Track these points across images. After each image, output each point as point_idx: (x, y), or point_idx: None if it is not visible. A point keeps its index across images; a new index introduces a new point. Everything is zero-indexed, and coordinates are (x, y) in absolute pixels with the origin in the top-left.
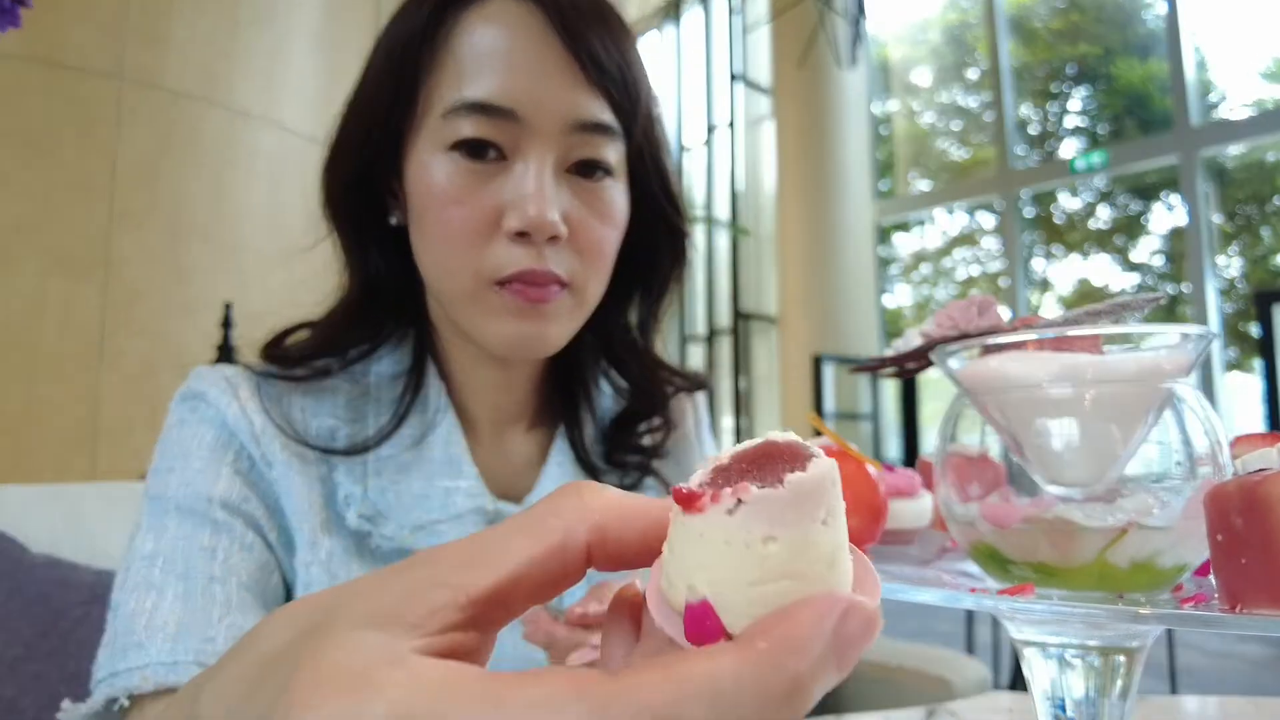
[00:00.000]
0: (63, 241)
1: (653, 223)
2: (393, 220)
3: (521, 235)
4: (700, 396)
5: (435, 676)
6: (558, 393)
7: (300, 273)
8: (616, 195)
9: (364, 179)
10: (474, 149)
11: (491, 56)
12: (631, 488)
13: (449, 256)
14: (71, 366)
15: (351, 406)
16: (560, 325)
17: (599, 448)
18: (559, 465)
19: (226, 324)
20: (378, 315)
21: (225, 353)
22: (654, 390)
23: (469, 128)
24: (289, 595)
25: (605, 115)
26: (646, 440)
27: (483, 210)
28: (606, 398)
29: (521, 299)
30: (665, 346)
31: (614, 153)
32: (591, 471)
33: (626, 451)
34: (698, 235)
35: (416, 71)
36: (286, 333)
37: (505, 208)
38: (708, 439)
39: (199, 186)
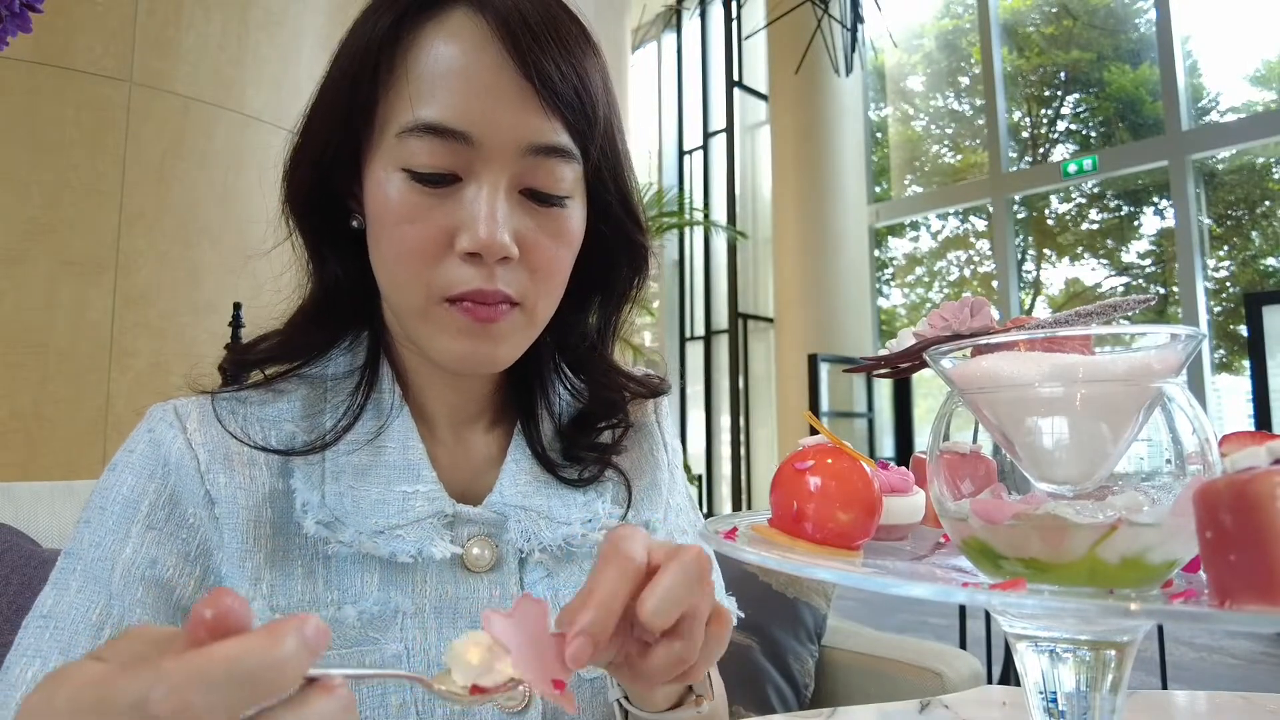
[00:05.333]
0: (74, 243)
1: (611, 236)
2: (354, 223)
3: (473, 255)
4: (663, 398)
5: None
6: (516, 391)
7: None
8: (572, 216)
9: (325, 184)
10: (430, 177)
11: (446, 76)
12: (590, 480)
13: (401, 272)
14: (82, 366)
15: (307, 406)
16: (509, 344)
17: (557, 445)
18: (517, 463)
19: (236, 324)
20: (336, 316)
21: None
22: (610, 396)
23: (423, 153)
24: None
25: (560, 137)
26: (605, 438)
27: (435, 230)
28: (564, 398)
29: (470, 317)
30: (663, 351)
31: (570, 172)
32: (549, 468)
33: (583, 448)
34: (697, 238)
35: (374, 85)
36: (256, 341)
37: (458, 228)
38: (669, 430)
39: (208, 189)
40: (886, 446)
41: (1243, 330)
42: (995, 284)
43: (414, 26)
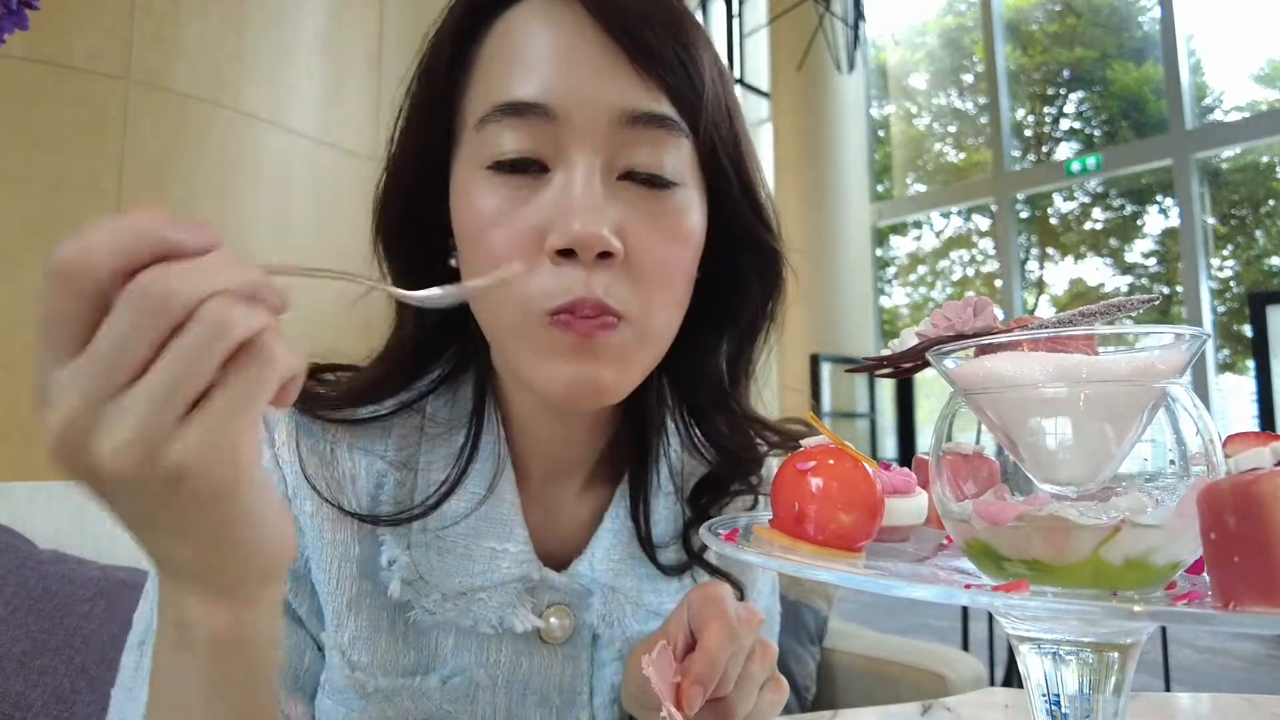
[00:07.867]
0: None
1: (736, 241)
2: (453, 263)
3: (567, 255)
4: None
5: None
6: (623, 447)
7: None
8: (686, 206)
9: (419, 217)
10: (513, 166)
11: (523, 54)
12: (688, 568)
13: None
14: None
15: (402, 446)
16: (620, 368)
17: (674, 521)
18: (613, 534)
19: None
20: (435, 358)
21: None
22: (744, 453)
23: (504, 139)
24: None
25: (661, 106)
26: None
27: (525, 230)
28: (683, 456)
29: (571, 332)
30: (760, 394)
31: (678, 153)
32: (647, 547)
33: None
34: None
35: (450, 88)
36: (321, 369)
37: (549, 224)
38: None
39: (206, 188)
40: (889, 447)
41: (1247, 330)
42: (998, 283)
43: (485, 21)
